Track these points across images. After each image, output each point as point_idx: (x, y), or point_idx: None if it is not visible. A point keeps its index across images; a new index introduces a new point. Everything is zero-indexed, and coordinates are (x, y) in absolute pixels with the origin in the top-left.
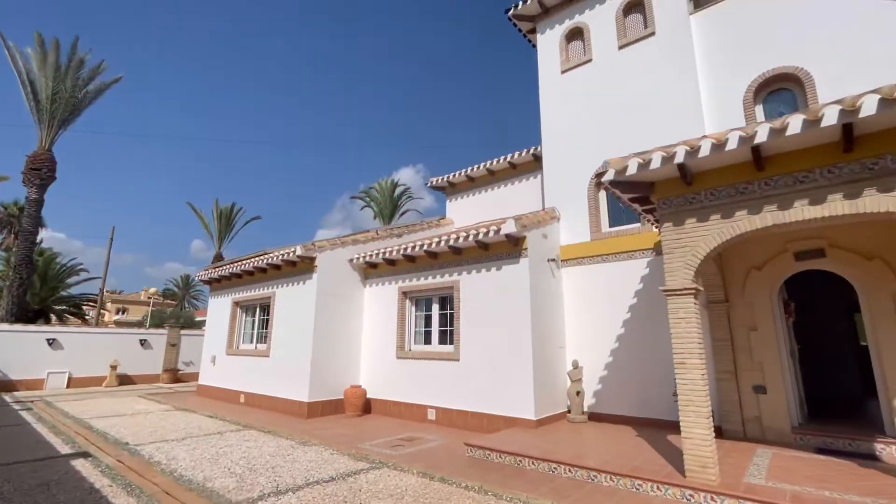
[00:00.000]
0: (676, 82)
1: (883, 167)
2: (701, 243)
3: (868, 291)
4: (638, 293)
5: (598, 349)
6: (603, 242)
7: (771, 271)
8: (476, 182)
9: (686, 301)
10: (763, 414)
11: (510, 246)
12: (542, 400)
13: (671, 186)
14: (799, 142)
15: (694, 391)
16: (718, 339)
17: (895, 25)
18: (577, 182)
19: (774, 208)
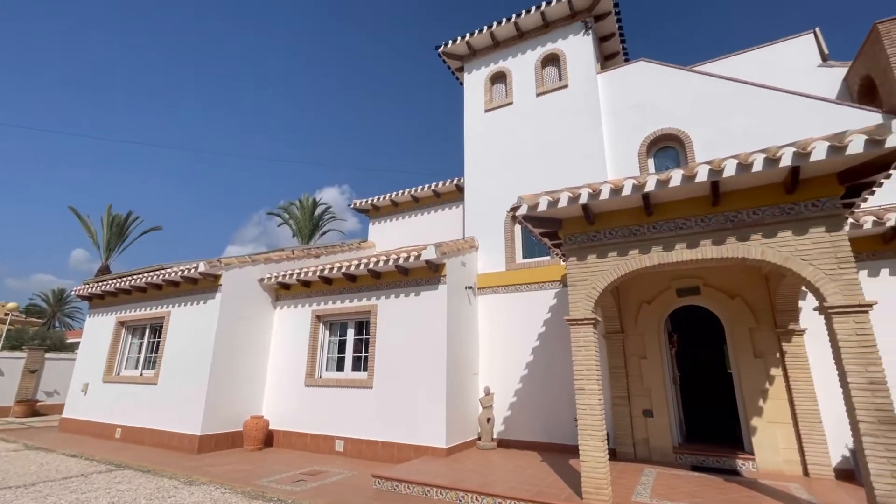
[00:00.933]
0: (584, 131)
1: (740, 220)
2: (600, 277)
3: (731, 325)
4: (546, 322)
5: (509, 376)
6: (517, 273)
7: (658, 305)
8: (400, 207)
9: (586, 330)
10: (650, 436)
11: (430, 272)
12: (454, 428)
13: (576, 224)
14: (679, 193)
15: (592, 416)
16: (614, 367)
17: (750, 107)
18: (495, 214)
19: (660, 249)
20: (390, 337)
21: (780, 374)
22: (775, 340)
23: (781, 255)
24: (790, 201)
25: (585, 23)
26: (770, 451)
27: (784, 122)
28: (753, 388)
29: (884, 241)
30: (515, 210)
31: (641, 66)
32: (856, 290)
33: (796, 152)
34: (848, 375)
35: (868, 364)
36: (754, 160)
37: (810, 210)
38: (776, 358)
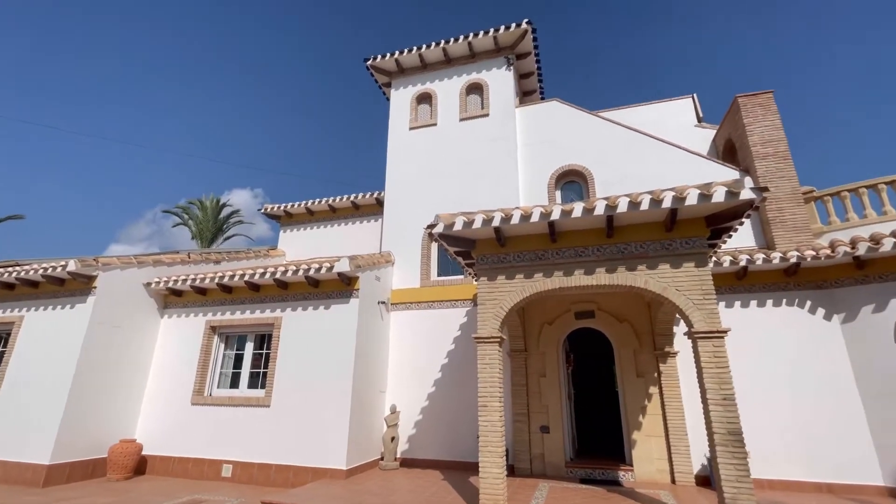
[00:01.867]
0: (501, 159)
1: (629, 251)
2: (508, 297)
3: (619, 347)
4: (456, 340)
5: (417, 393)
6: (431, 290)
7: (558, 326)
8: (316, 216)
9: (492, 348)
10: (546, 451)
11: (342, 285)
12: (356, 448)
13: (489, 246)
14: (580, 224)
15: (493, 432)
16: (517, 384)
17: (642, 153)
18: (413, 230)
19: (561, 274)
20: (294, 352)
21: (657, 391)
22: (654, 361)
23: (661, 285)
24: (669, 238)
25: (508, 59)
26: (646, 462)
27: (667, 169)
28: (635, 404)
29: (737, 278)
30: (432, 228)
31: (555, 105)
32: (716, 318)
33: (675, 196)
34: (707, 392)
35: (722, 383)
36: (642, 200)
37: (684, 247)
38: (654, 377)
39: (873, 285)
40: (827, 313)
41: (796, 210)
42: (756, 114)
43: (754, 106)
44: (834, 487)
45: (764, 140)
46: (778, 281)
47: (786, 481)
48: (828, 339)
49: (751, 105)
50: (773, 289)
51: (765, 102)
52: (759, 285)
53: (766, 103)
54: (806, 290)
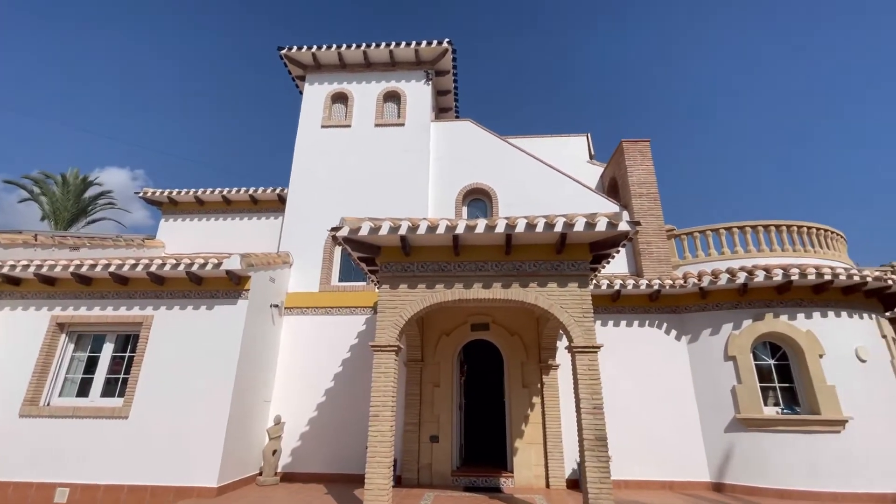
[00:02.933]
0: (413, 170)
1: (524, 269)
2: (409, 306)
3: (509, 359)
4: (353, 348)
5: (305, 403)
6: (331, 295)
7: (455, 337)
8: (207, 207)
9: (388, 357)
10: (434, 460)
11: (230, 284)
12: (232, 463)
13: (393, 254)
14: (481, 240)
15: (382, 443)
16: (411, 394)
17: (541, 180)
18: (316, 232)
19: (462, 286)
20: (165, 355)
21: (539, 401)
22: (538, 373)
23: (549, 302)
24: (558, 260)
25: (428, 73)
26: (525, 469)
27: (561, 197)
28: (519, 413)
29: (612, 300)
30: (336, 231)
31: (468, 125)
32: (592, 334)
33: (566, 222)
34: (581, 402)
35: (593, 393)
36: (538, 222)
37: (570, 269)
38: (538, 388)
39: (712, 312)
40: (678, 334)
41: (660, 244)
42: (636, 158)
43: (635, 151)
44: (674, 485)
45: (640, 181)
46: (643, 304)
47: (638, 481)
48: (677, 356)
49: (632, 150)
50: (640, 311)
51: (643, 149)
52: (629, 307)
53: (643, 150)
54: (664, 313)
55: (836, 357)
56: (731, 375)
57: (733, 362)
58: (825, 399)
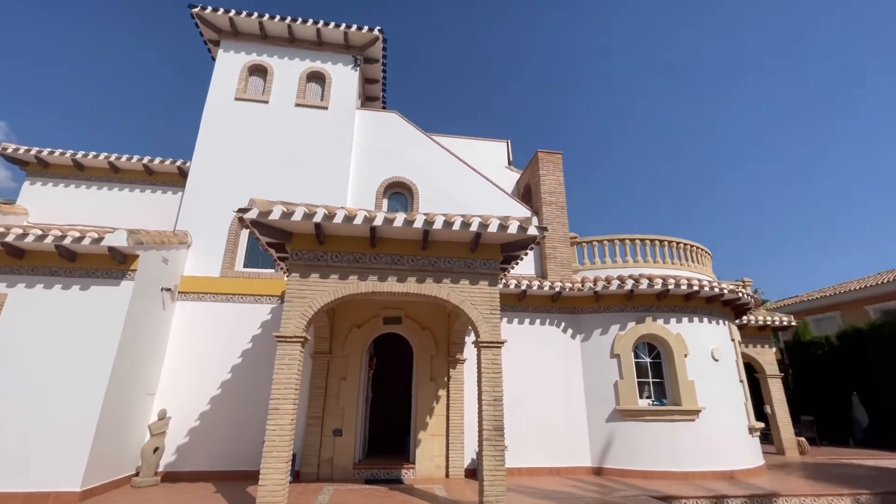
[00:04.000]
0: (334, 157)
1: (438, 265)
2: (318, 297)
3: (419, 353)
4: (255, 338)
5: (197, 397)
6: (233, 281)
7: (367, 330)
8: (88, 172)
9: (294, 348)
10: (336, 454)
11: (113, 262)
12: (103, 462)
13: (306, 241)
14: (399, 233)
15: (280, 437)
16: (316, 387)
17: (462, 180)
18: (221, 212)
19: (376, 279)
20: (22, 341)
21: (444, 394)
22: (446, 367)
23: (460, 298)
24: (472, 258)
25: (356, 58)
26: (427, 460)
27: (480, 199)
28: (425, 406)
29: (518, 299)
30: (244, 212)
31: (394, 117)
32: (497, 331)
33: (481, 222)
34: (483, 394)
35: (494, 386)
36: (455, 220)
37: (482, 267)
38: (444, 381)
39: (603, 314)
40: (573, 333)
41: (564, 250)
42: (548, 168)
43: (548, 161)
44: (561, 470)
45: (550, 190)
46: (546, 305)
47: (530, 468)
48: (571, 353)
49: (546, 160)
50: (542, 311)
51: (555, 161)
52: (533, 307)
53: (556, 161)
54: (563, 313)
55: (697, 357)
56: (614, 371)
57: (617, 360)
58: (686, 392)
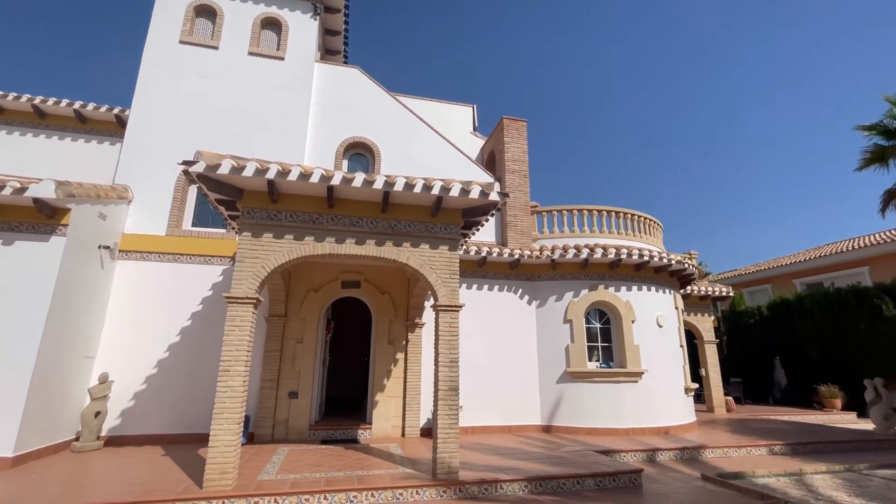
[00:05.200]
0: (291, 111)
1: (398, 229)
2: (272, 258)
3: (377, 316)
4: (205, 300)
5: (143, 360)
6: (180, 240)
7: (324, 294)
8: (8, 116)
9: (246, 310)
10: (291, 416)
11: (40, 216)
12: (36, 427)
13: (258, 199)
14: (358, 194)
15: (231, 398)
16: (270, 350)
17: (426, 142)
18: (165, 166)
19: (333, 241)
20: None
21: (402, 357)
22: (405, 331)
23: (419, 262)
24: (432, 222)
25: (316, 6)
26: (384, 420)
27: (443, 163)
28: (383, 368)
29: (478, 266)
30: (190, 165)
31: (356, 73)
32: (456, 295)
33: (443, 186)
34: (439, 356)
35: (451, 348)
36: (416, 183)
37: (443, 232)
38: (403, 345)
39: (559, 281)
40: (530, 299)
41: (524, 219)
42: (513, 135)
43: (513, 129)
44: (512, 429)
45: (514, 158)
46: (505, 271)
47: (483, 426)
48: (527, 319)
49: (511, 127)
50: (501, 277)
51: (520, 128)
52: (492, 273)
53: (520, 129)
54: (521, 280)
55: (643, 323)
56: (566, 336)
57: (570, 325)
58: (632, 355)
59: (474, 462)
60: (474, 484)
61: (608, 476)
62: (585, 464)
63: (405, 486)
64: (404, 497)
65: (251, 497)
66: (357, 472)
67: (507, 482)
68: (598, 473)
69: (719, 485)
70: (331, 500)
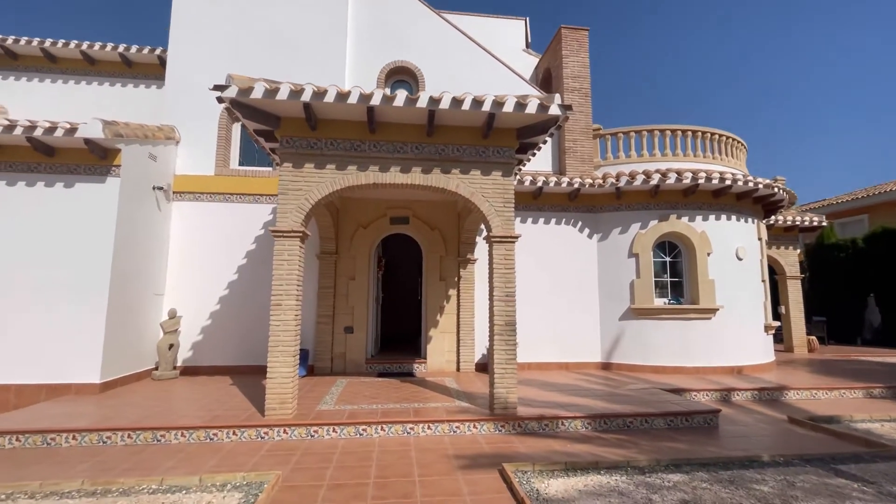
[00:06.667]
0: (327, 36)
1: (446, 154)
2: (315, 189)
3: (428, 253)
4: (258, 239)
5: (205, 296)
6: (229, 180)
7: (373, 230)
8: (61, 65)
9: (292, 244)
10: (348, 350)
11: (94, 158)
12: (118, 357)
13: (296, 126)
14: (401, 115)
15: (285, 332)
16: (324, 287)
17: (474, 63)
18: (209, 104)
19: (377, 169)
20: (19, 242)
21: (455, 294)
22: (456, 267)
23: (470, 190)
24: (483, 145)
25: None
26: (438, 355)
27: (493, 85)
28: (435, 305)
29: (534, 198)
30: (222, 90)
31: None
32: (511, 225)
33: (495, 101)
34: (494, 290)
35: (507, 282)
36: (465, 99)
37: (495, 156)
38: (454, 281)
39: (624, 212)
40: (590, 232)
41: (585, 143)
42: (572, 47)
43: (572, 40)
44: (570, 366)
45: (574, 74)
46: (563, 203)
47: (539, 363)
48: (587, 253)
49: (571, 38)
50: (559, 209)
51: (580, 39)
52: (549, 205)
53: (581, 40)
54: (580, 212)
55: (720, 255)
56: (631, 271)
57: (636, 259)
58: (705, 291)
59: (532, 398)
60: (533, 419)
61: (680, 416)
62: (654, 402)
63: (462, 420)
64: (461, 430)
65: (310, 426)
66: (413, 405)
67: (568, 419)
68: (669, 413)
69: (810, 428)
70: (388, 431)
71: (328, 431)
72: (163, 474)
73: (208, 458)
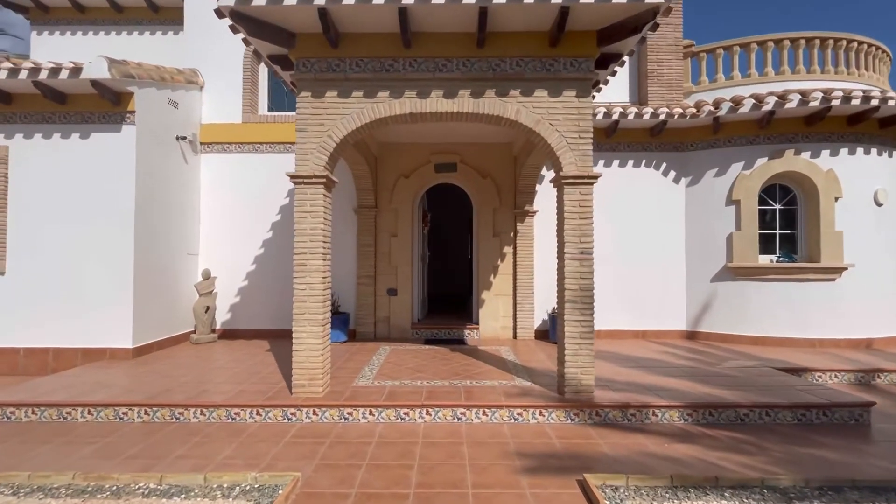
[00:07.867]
0: None
1: (502, 70)
2: (339, 124)
3: (479, 205)
4: (290, 192)
5: (240, 256)
6: (258, 127)
7: (416, 180)
8: (90, 15)
9: (316, 192)
10: (392, 314)
11: (106, 104)
12: (150, 320)
13: (314, 44)
14: (444, 19)
15: (312, 297)
16: (363, 244)
17: None
18: (232, 45)
19: (414, 95)
20: (39, 197)
21: (510, 251)
22: (512, 220)
23: (534, 118)
24: (552, 56)
25: None
26: (492, 320)
27: None
28: (488, 264)
29: (606, 135)
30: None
31: None
32: (588, 161)
33: None
34: (565, 246)
35: (583, 235)
36: None
37: (568, 69)
38: (510, 237)
39: (722, 149)
40: (677, 176)
41: (674, 65)
42: None
43: None
44: (647, 334)
45: None
46: (643, 140)
47: (610, 330)
48: (672, 201)
49: None
50: (638, 148)
51: None
52: (625, 143)
53: None
54: (665, 151)
55: (852, 200)
56: (730, 221)
57: (735, 207)
58: (829, 246)
59: (609, 378)
60: (615, 408)
61: (817, 408)
62: (774, 387)
63: (524, 406)
64: (523, 418)
65: (343, 407)
66: (465, 382)
67: (660, 408)
68: (802, 404)
69: None
70: (434, 416)
71: (364, 414)
72: (166, 468)
73: (224, 445)
